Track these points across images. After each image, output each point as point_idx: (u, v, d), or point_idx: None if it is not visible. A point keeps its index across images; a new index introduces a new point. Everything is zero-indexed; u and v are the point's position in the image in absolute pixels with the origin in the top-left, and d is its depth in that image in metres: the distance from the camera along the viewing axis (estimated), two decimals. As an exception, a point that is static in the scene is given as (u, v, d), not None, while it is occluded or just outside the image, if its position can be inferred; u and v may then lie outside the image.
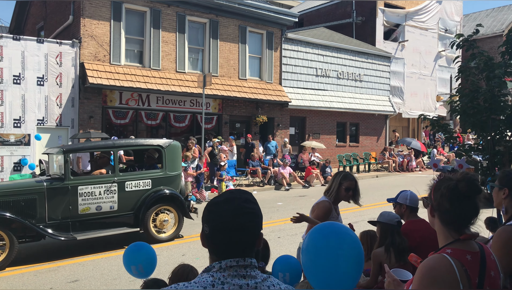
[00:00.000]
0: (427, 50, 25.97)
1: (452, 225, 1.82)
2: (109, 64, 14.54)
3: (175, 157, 8.86)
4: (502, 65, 4.91)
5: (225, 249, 1.44)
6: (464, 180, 1.79)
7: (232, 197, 1.48)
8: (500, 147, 4.93)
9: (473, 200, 1.79)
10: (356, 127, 22.21)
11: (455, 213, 1.79)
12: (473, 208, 1.80)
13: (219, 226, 1.43)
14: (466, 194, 1.78)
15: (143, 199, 8.28)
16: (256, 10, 17.69)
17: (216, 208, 1.46)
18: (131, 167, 9.69)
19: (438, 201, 1.84)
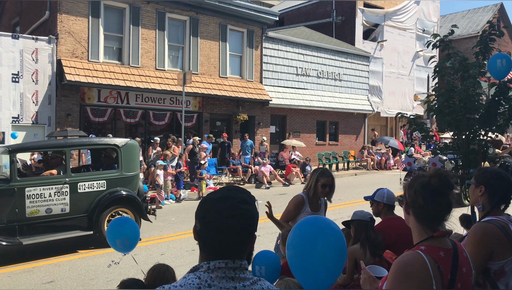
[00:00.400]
0: (405, 50, 26.37)
1: (426, 221, 1.85)
2: (87, 61, 14.31)
3: (132, 157, 8.52)
4: (476, 66, 5.01)
5: (214, 248, 1.39)
6: (436, 176, 1.83)
7: (228, 195, 1.42)
8: (474, 145, 5.05)
9: (446, 196, 1.83)
10: (335, 126, 22.41)
11: (429, 208, 1.83)
12: (446, 203, 1.84)
13: (210, 225, 1.39)
14: (439, 190, 1.82)
15: (98, 200, 7.93)
16: (237, 8, 17.66)
17: (210, 206, 1.41)
18: (85, 167, 9.38)
19: (412, 197, 1.87)
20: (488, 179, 2.50)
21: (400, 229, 3.57)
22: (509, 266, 2.28)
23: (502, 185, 2.48)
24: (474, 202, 2.58)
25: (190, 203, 12.80)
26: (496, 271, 2.29)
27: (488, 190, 2.47)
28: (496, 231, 2.31)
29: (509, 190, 2.49)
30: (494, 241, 2.29)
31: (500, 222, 2.35)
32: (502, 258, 2.28)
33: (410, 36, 26.70)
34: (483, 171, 2.59)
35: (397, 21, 25.86)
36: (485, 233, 2.32)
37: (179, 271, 6.67)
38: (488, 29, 5.14)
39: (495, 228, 2.32)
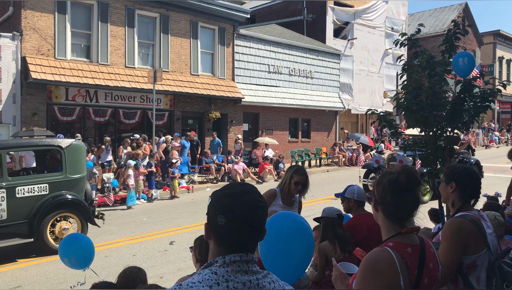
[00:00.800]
0: (375, 48, 26.82)
1: (394, 217, 1.88)
2: (54, 58, 13.91)
3: (78, 158, 8.13)
4: (442, 64, 5.13)
5: (236, 241, 1.41)
6: (404, 173, 1.87)
7: (247, 189, 1.46)
8: (441, 141, 5.17)
9: (414, 192, 1.86)
10: (307, 123, 22.59)
11: (397, 204, 1.86)
12: (414, 199, 1.87)
13: (237, 217, 1.40)
14: (406, 186, 1.85)
15: (39, 205, 7.48)
16: (208, 5, 17.53)
17: (234, 199, 1.43)
18: (25, 170, 8.97)
19: (380, 194, 1.90)
20: (458, 175, 2.55)
21: (371, 225, 3.62)
22: (481, 260, 2.34)
23: (472, 180, 2.53)
24: (445, 199, 2.62)
25: (162, 203, 12.65)
26: (468, 265, 2.34)
27: (459, 186, 2.52)
28: (470, 226, 2.36)
29: (478, 184, 2.55)
30: (468, 235, 2.34)
31: (473, 217, 2.41)
32: (475, 252, 2.33)
33: (379, 34, 27.17)
34: (453, 168, 2.64)
35: (367, 19, 26.26)
36: (460, 228, 2.37)
37: (152, 271, 6.62)
38: (453, 28, 5.26)
39: (469, 222, 2.37)
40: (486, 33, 37.37)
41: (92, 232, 8.98)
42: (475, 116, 5.08)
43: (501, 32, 37.59)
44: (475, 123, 5.25)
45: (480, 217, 2.47)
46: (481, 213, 2.57)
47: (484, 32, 37.20)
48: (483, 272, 2.37)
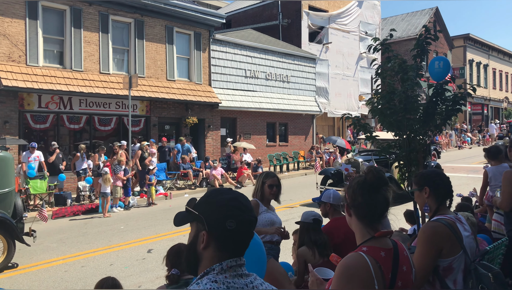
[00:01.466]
0: (350, 52, 27.20)
1: (367, 219, 1.91)
2: (26, 65, 13.61)
3: (5, 171, 7.40)
4: (414, 68, 5.24)
5: (243, 244, 1.46)
6: (370, 172, 1.92)
7: (240, 193, 1.51)
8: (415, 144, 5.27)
9: (382, 192, 1.90)
10: (285, 127, 22.72)
11: (367, 204, 1.90)
12: (383, 199, 1.91)
13: (245, 220, 1.44)
14: (374, 185, 1.90)
15: None
16: (183, 10, 17.47)
17: (238, 203, 1.46)
18: None
19: (351, 197, 1.94)
20: (430, 179, 2.61)
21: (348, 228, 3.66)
22: (457, 262, 2.38)
23: (444, 182, 2.60)
24: (421, 205, 2.67)
25: (139, 210, 12.49)
26: (445, 268, 2.38)
27: (433, 189, 2.57)
28: (444, 230, 2.39)
29: (450, 184, 2.62)
30: (443, 239, 2.37)
31: (448, 221, 2.44)
32: (451, 255, 2.37)
33: (353, 38, 27.58)
34: (422, 174, 2.70)
35: (341, 24, 26.63)
36: (434, 232, 2.40)
37: (130, 281, 6.53)
38: (424, 33, 5.38)
39: (443, 226, 2.40)
40: (457, 37, 38.39)
41: (69, 242, 8.81)
42: (447, 119, 5.20)
43: (470, 35, 38.67)
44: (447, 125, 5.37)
45: (457, 220, 2.51)
46: (458, 215, 2.62)
47: (454, 36, 38.20)
48: (459, 274, 2.40)
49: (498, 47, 43.33)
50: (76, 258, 7.71)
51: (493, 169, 5.17)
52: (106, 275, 3.21)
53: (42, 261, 7.62)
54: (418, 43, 5.28)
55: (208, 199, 1.49)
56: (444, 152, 27.55)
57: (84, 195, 13.20)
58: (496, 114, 43.81)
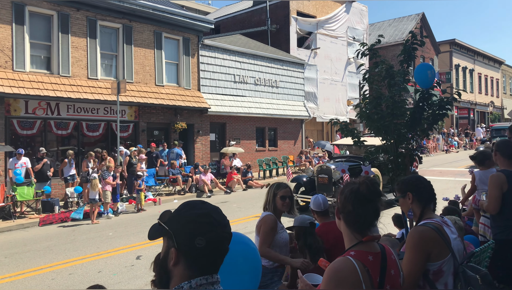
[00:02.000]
0: (338, 57, 27.40)
1: (355, 226, 1.93)
2: (12, 71, 13.47)
3: None
4: (401, 73, 5.31)
5: (213, 262, 1.38)
6: (364, 183, 1.92)
7: (214, 207, 1.43)
8: (402, 149, 5.34)
9: (374, 204, 1.92)
10: (274, 132, 22.76)
11: (357, 214, 1.91)
12: (374, 211, 1.93)
13: (216, 237, 1.36)
14: (367, 197, 1.91)
15: None
16: (171, 16, 17.46)
17: (210, 219, 1.38)
18: None
19: (342, 203, 1.95)
20: (412, 185, 2.64)
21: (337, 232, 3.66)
22: (446, 265, 2.40)
23: (425, 186, 2.63)
24: (406, 211, 2.70)
25: (129, 216, 12.40)
26: (434, 271, 2.39)
27: (416, 194, 2.60)
28: (431, 233, 2.41)
29: (432, 188, 2.64)
30: (430, 243, 2.38)
31: (435, 224, 2.46)
32: (439, 259, 2.38)
33: (341, 43, 27.79)
34: (403, 181, 2.73)
35: (329, 29, 26.83)
36: (421, 237, 2.41)
37: (118, 288, 6.45)
38: (411, 39, 5.46)
39: (430, 230, 2.42)
40: (443, 42, 38.91)
41: (56, 249, 8.71)
42: (433, 124, 5.28)
43: (456, 41, 39.23)
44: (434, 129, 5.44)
45: (443, 223, 2.53)
46: (445, 218, 2.63)
47: (440, 41, 38.71)
48: (450, 277, 2.42)
49: (484, 52, 44.02)
50: (63, 266, 7.63)
51: (481, 173, 5.24)
52: (94, 282, 3.18)
53: (29, 269, 7.51)
54: (405, 49, 5.36)
55: (179, 213, 1.43)
56: (431, 155, 27.84)
57: (72, 201, 13.07)
58: (482, 118, 44.41)
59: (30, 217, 11.92)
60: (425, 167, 20.73)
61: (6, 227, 10.85)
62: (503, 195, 3.95)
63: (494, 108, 45.57)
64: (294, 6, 24.71)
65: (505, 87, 50.54)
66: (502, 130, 22.51)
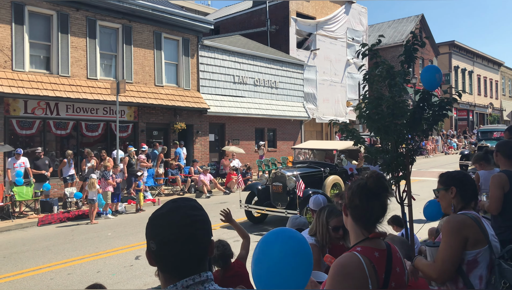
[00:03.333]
0: (337, 58, 27.42)
1: (362, 221, 1.93)
2: (11, 70, 13.45)
3: None
4: (402, 74, 5.30)
5: (178, 264, 1.31)
6: (372, 177, 1.92)
7: (176, 205, 1.36)
8: (402, 149, 5.33)
9: (381, 198, 1.92)
10: (273, 133, 22.76)
11: (364, 208, 1.91)
12: (381, 205, 1.92)
13: (167, 239, 1.30)
14: (374, 190, 1.90)
15: None
16: (171, 16, 17.46)
17: (161, 220, 1.33)
18: None
19: (350, 198, 1.95)
20: (457, 180, 2.63)
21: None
22: (482, 256, 2.37)
23: (471, 183, 2.63)
24: (447, 205, 2.67)
25: (128, 217, 12.39)
26: (469, 261, 2.37)
27: (459, 189, 2.59)
28: (469, 221, 2.41)
29: (475, 186, 2.65)
30: (468, 229, 2.38)
31: (473, 214, 2.47)
32: (476, 247, 2.36)
33: (341, 45, 27.81)
34: (449, 174, 2.71)
35: (329, 31, 26.85)
36: (459, 221, 2.42)
37: (117, 288, 6.44)
38: (412, 39, 5.45)
39: (468, 218, 2.43)
40: (442, 44, 38.98)
41: (55, 249, 8.69)
42: (433, 125, 5.26)
43: (455, 42, 39.30)
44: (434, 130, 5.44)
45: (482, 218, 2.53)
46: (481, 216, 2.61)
47: (440, 43, 38.77)
48: (485, 270, 2.38)
49: (482, 54, 44.10)
50: (62, 266, 7.61)
51: (485, 173, 5.24)
52: (93, 282, 3.17)
53: (28, 268, 7.50)
54: (405, 49, 5.35)
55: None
56: (430, 157, 27.86)
57: (70, 201, 13.05)
58: (481, 120, 44.48)
59: (29, 217, 11.90)
60: (424, 168, 20.76)
61: (5, 227, 10.83)
62: (505, 195, 3.94)
63: (493, 110, 45.63)
64: (294, 7, 24.73)
65: (504, 89, 50.63)
66: (489, 133, 21.27)
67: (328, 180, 11.16)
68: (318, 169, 11.30)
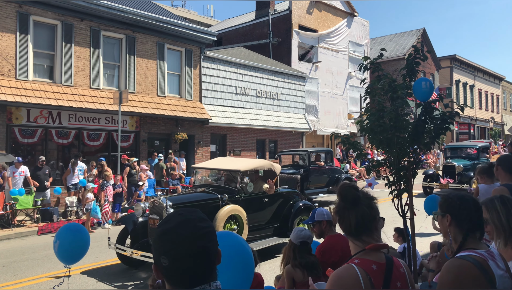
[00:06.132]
0: (339, 71, 27.55)
1: (348, 232, 1.99)
2: (15, 79, 13.53)
3: None
4: (404, 87, 5.33)
5: (189, 276, 1.31)
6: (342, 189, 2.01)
7: (185, 219, 1.35)
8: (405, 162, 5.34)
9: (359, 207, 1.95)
10: (274, 144, 22.78)
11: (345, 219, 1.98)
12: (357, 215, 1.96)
13: (181, 254, 1.30)
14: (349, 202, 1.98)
15: None
16: (174, 27, 17.60)
17: (172, 235, 1.32)
18: None
19: (333, 217, 1.99)
20: (452, 205, 2.27)
21: (344, 246, 3.63)
22: None
23: (467, 209, 2.22)
24: (445, 233, 2.36)
25: (128, 226, 12.33)
26: None
27: (454, 218, 2.23)
28: (473, 270, 2.03)
29: (476, 214, 2.23)
30: (470, 282, 2.02)
31: (476, 258, 2.07)
32: None
33: (342, 57, 27.96)
34: (446, 198, 2.34)
35: (330, 43, 27.02)
36: (460, 273, 2.05)
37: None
38: (414, 53, 5.49)
39: (471, 266, 2.05)
40: (443, 58, 39.15)
41: (54, 258, 8.64)
42: (435, 138, 5.28)
43: (457, 56, 39.48)
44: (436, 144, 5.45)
45: (489, 256, 2.11)
46: (491, 248, 2.19)
47: (441, 57, 38.95)
48: None
49: (484, 68, 44.27)
50: (62, 275, 7.56)
51: (486, 187, 5.21)
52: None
53: (27, 277, 7.46)
54: (408, 62, 5.40)
55: (156, 229, 1.41)
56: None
57: (71, 210, 13.03)
58: (483, 134, 44.50)
59: (29, 225, 11.87)
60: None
61: (5, 235, 10.80)
62: None
63: (495, 124, 45.68)
64: (296, 20, 24.92)
65: (505, 103, 50.73)
66: (458, 149, 18.88)
67: (222, 211, 7.91)
68: (214, 196, 8.21)
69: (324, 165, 15.68)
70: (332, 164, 16.16)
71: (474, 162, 17.27)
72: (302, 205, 9.22)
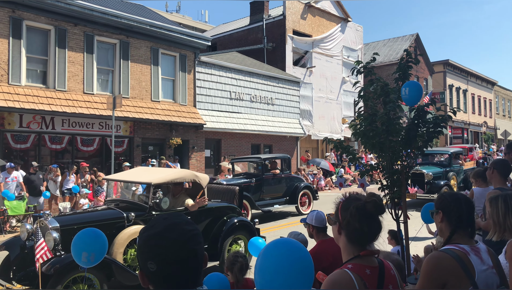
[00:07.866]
0: (333, 76, 27.65)
1: (359, 242, 1.94)
2: (7, 84, 13.46)
3: None
4: (396, 91, 5.34)
5: (177, 281, 1.29)
6: (371, 202, 1.93)
7: (172, 222, 1.32)
8: (397, 166, 5.34)
9: (378, 220, 1.96)
10: (269, 149, 22.77)
11: (363, 231, 1.92)
12: (377, 226, 1.96)
13: (169, 258, 1.27)
14: (372, 214, 1.93)
15: None
16: (168, 32, 17.60)
17: (159, 240, 1.28)
18: None
19: (347, 220, 1.94)
20: (444, 203, 2.41)
21: (336, 251, 3.61)
22: None
23: (458, 207, 2.34)
24: (439, 230, 2.47)
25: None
26: None
27: (445, 214, 2.36)
28: (449, 262, 2.15)
29: (466, 211, 2.33)
30: (447, 272, 2.13)
31: (457, 252, 2.19)
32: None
33: (336, 62, 28.08)
34: (440, 196, 2.50)
35: (324, 48, 27.13)
36: (437, 264, 2.17)
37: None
38: (406, 57, 5.51)
39: (449, 258, 2.16)
40: (437, 62, 39.41)
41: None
42: (428, 142, 5.29)
43: (450, 61, 39.74)
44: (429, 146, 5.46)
45: (472, 251, 2.22)
46: (478, 245, 2.30)
47: (434, 62, 39.21)
48: None
49: (476, 73, 44.59)
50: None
51: (480, 190, 5.22)
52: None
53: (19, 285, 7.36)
54: (400, 67, 5.41)
55: (140, 232, 1.36)
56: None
57: (64, 216, 12.92)
58: (476, 138, 44.75)
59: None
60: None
61: (-4, 242, 10.67)
62: None
63: (488, 129, 45.96)
64: (290, 25, 25.01)
65: (498, 108, 51.08)
66: (429, 155, 16.51)
67: (123, 234, 6.39)
68: (118, 215, 6.64)
69: (280, 173, 14.01)
70: (289, 172, 14.74)
71: (445, 169, 15.50)
72: (238, 221, 7.68)
